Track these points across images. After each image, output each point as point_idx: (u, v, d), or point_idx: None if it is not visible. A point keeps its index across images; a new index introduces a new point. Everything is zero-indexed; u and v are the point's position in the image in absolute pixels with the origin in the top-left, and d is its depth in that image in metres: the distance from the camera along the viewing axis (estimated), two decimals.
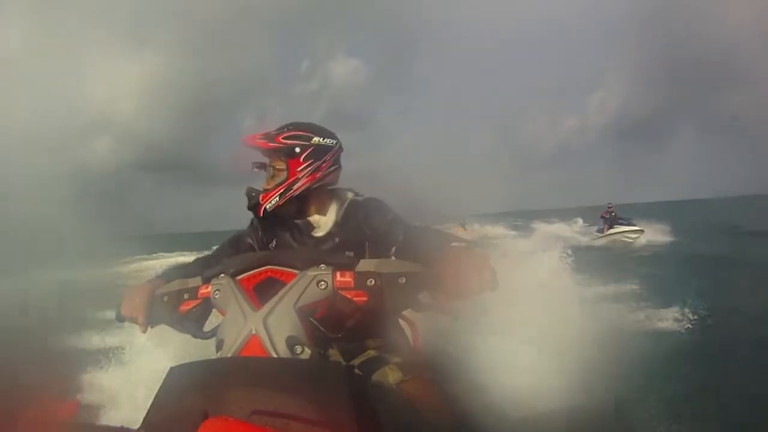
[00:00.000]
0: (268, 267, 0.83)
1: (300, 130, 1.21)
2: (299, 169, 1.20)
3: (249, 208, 1.20)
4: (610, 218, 13.25)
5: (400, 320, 1.24)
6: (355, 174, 1.30)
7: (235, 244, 1.27)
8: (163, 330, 0.93)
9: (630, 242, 12.15)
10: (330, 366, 0.78)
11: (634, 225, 12.66)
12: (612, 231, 12.71)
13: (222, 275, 0.83)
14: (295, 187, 1.20)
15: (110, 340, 3.05)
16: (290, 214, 1.21)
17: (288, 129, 1.20)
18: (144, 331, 0.93)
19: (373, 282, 0.76)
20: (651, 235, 12.68)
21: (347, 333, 0.77)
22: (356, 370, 1.01)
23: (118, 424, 0.57)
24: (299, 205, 1.21)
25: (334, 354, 1.04)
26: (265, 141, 1.19)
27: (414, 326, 1.25)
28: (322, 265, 0.78)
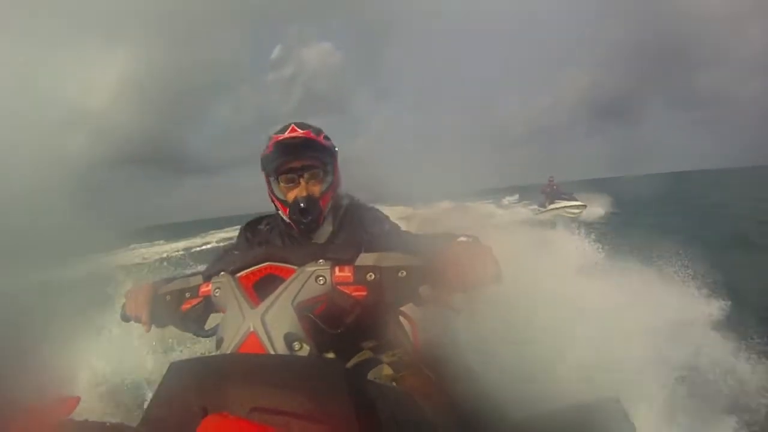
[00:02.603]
0: (268, 264, 0.83)
1: (323, 131, 1.14)
2: (338, 167, 1.17)
3: (308, 221, 1.09)
4: (552, 192, 12.84)
5: (401, 318, 1.24)
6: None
7: (231, 254, 1.20)
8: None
9: (573, 217, 11.72)
10: (329, 363, 0.78)
11: (576, 200, 12.29)
12: (553, 206, 12.31)
13: (222, 273, 0.83)
14: (340, 187, 1.17)
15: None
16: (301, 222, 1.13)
17: (320, 130, 1.13)
18: (147, 330, 0.94)
19: (373, 276, 0.75)
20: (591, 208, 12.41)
21: (347, 328, 0.77)
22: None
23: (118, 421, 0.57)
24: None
25: (331, 355, 1.04)
26: (321, 139, 1.09)
27: (413, 323, 1.24)
28: (321, 261, 0.78)
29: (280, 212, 1.16)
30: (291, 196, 1.10)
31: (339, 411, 0.51)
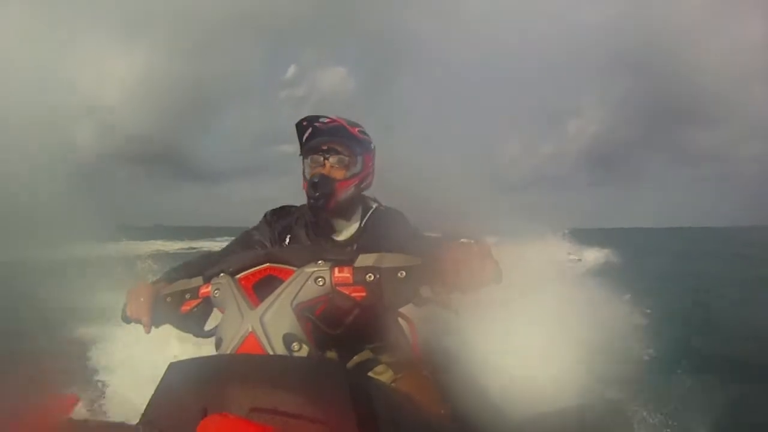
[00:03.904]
0: (268, 265, 0.82)
1: (363, 127, 1.20)
2: (371, 165, 1.21)
3: (317, 197, 1.10)
4: None
5: (399, 319, 1.24)
6: None
7: (244, 242, 1.22)
8: None
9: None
10: (328, 364, 0.78)
11: (571, 253, 12.28)
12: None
13: (222, 274, 0.83)
14: (367, 181, 1.20)
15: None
16: (325, 213, 1.15)
17: (358, 124, 1.18)
18: (148, 332, 0.93)
19: (372, 277, 0.75)
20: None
21: (346, 329, 0.76)
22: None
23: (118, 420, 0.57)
24: (343, 205, 1.16)
25: (330, 356, 1.03)
26: (353, 130, 1.14)
27: (412, 324, 1.24)
28: (320, 262, 0.77)
29: (304, 192, 1.18)
30: (313, 173, 1.14)
31: (338, 411, 0.51)
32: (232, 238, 1.28)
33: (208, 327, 0.87)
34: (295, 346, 0.68)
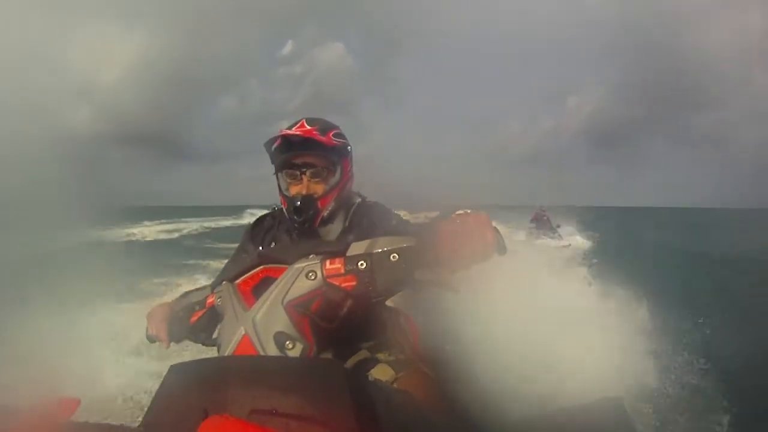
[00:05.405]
0: (263, 267, 0.83)
1: (337, 128, 1.15)
2: (349, 169, 1.17)
3: (302, 220, 1.07)
4: (541, 224, 12.80)
5: (401, 319, 1.23)
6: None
7: (235, 261, 1.21)
8: None
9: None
10: (328, 364, 0.77)
11: (561, 238, 12.26)
12: (539, 242, 12.32)
13: (224, 282, 0.84)
14: (348, 186, 1.16)
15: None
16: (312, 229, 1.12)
17: (331, 127, 1.13)
18: (167, 347, 0.98)
19: (364, 264, 0.72)
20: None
21: (343, 323, 0.74)
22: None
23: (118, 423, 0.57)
24: (328, 215, 1.13)
25: (330, 354, 1.03)
26: (327, 138, 1.08)
27: (412, 322, 1.24)
28: (312, 256, 0.76)
29: (283, 207, 1.16)
30: (293, 191, 1.10)
31: (339, 412, 0.51)
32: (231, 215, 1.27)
33: (216, 335, 0.91)
34: (289, 344, 0.67)
